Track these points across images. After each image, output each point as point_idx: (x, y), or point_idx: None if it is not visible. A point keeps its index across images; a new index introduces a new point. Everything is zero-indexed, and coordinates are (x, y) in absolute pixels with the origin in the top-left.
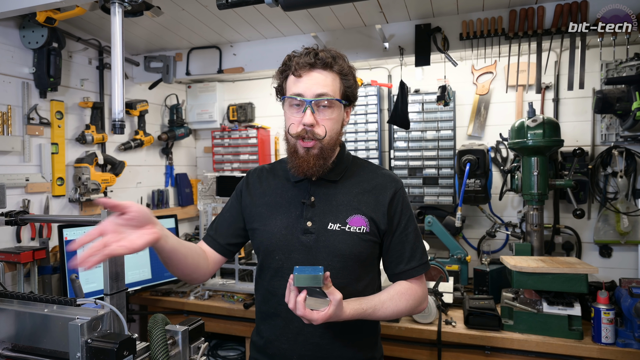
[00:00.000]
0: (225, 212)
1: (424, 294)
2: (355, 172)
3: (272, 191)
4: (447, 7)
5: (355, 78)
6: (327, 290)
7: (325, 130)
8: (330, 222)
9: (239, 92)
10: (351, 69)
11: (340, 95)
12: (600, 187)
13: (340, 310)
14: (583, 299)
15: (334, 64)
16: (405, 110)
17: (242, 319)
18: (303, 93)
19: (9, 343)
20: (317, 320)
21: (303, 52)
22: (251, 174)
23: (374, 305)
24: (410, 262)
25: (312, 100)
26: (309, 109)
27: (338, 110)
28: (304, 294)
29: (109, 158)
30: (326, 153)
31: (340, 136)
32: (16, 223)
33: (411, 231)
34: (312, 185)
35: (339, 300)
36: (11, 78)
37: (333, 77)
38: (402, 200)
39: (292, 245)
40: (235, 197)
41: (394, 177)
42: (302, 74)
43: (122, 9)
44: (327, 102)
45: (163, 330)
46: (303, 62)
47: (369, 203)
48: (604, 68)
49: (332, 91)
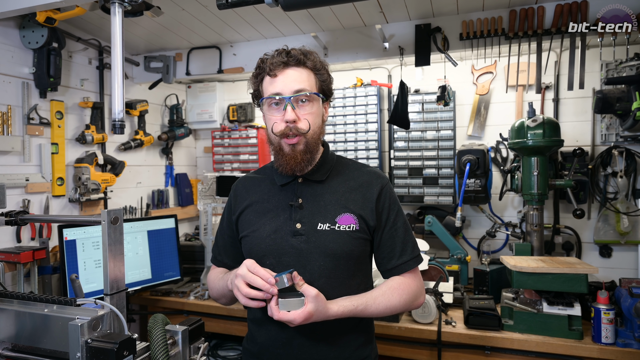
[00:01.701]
0: (224, 232)
1: (418, 288)
2: (340, 171)
3: (259, 197)
4: (447, 7)
5: (328, 73)
6: (301, 289)
7: (309, 124)
8: (319, 222)
9: (239, 92)
10: (323, 65)
11: (318, 90)
12: (600, 187)
13: (324, 307)
14: (583, 299)
15: (306, 60)
16: (405, 110)
17: (242, 319)
18: (281, 91)
19: (9, 343)
20: (296, 320)
21: (274, 53)
22: (237, 185)
23: (365, 301)
24: (401, 256)
25: (291, 96)
26: (289, 105)
27: (317, 104)
28: (275, 298)
29: (109, 158)
30: (311, 147)
31: (323, 131)
32: (16, 223)
33: (400, 226)
34: (298, 187)
35: (314, 296)
36: (11, 78)
37: (308, 72)
38: (389, 196)
39: (282, 249)
40: (227, 213)
41: (380, 174)
42: (277, 73)
43: (122, 9)
44: (306, 96)
45: (163, 330)
46: (276, 61)
47: (357, 201)
48: (604, 68)
49: (309, 86)
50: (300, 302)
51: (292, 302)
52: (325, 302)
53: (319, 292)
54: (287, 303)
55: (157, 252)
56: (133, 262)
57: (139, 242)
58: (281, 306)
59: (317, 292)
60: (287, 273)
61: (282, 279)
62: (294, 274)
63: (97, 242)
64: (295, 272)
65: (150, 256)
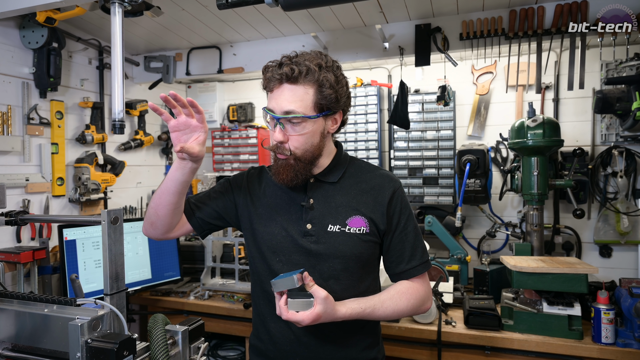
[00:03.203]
0: (215, 192)
1: (426, 293)
2: (353, 173)
3: (271, 192)
4: (447, 7)
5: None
6: (311, 290)
7: (296, 146)
8: (330, 223)
9: (239, 92)
10: (327, 79)
11: (314, 108)
12: (600, 187)
13: (332, 309)
14: (583, 299)
15: (306, 75)
16: (405, 110)
17: (242, 319)
18: (273, 109)
19: (9, 343)
20: (304, 321)
21: (274, 63)
22: (252, 173)
23: (373, 304)
24: (410, 261)
25: (280, 117)
26: (278, 125)
27: (311, 124)
28: (284, 298)
29: (109, 158)
30: (303, 164)
31: (322, 145)
32: (16, 223)
33: (411, 230)
34: (310, 187)
35: (323, 298)
36: (11, 78)
37: (305, 90)
38: (400, 200)
39: (292, 248)
40: (231, 187)
41: (392, 177)
42: (273, 88)
43: (122, 9)
44: (296, 119)
45: (163, 330)
46: (273, 75)
47: (368, 203)
48: (604, 68)
49: (302, 107)
50: (309, 303)
51: (301, 302)
52: (333, 304)
53: (328, 294)
54: (296, 303)
55: (157, 252)
56: (133, 262)
57: (139, 242)
58: (290, 306)
59: (326, 294)
60: (297, 273)
61: (292, 279)
62: (305, 275)
63: (97, 242)
64: (306, 273)
65: (150, 256)
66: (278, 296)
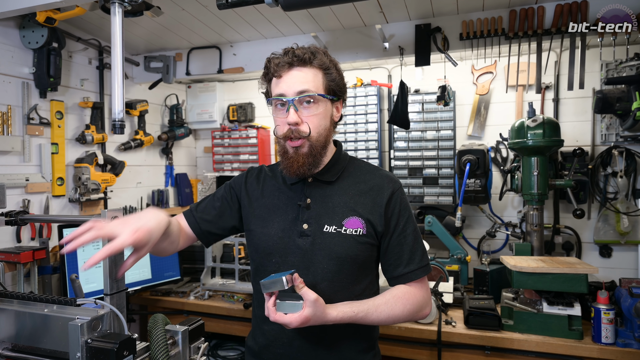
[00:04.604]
0: (217, 201)
1: (424, 299)
2: (352, 173)
3: (269, 193)
4: (447, 7)
5: (339, 71)
6: (301, 292)
7: (310, 127)
8: (326, 224)
9: (239, 92)
10: (333, 62)
11: (325, 90)
12: (600, 187)
13: (322, 312)
14: (583, 299)
15: (312, 59)
16: (405, 110)
17: (242, 319)
18: (285, 92)
19: (9, 343)
20: (292, 323)
21: (281, 52)
22: (250, 173)
23: (367, 309)
24: (409, 264)
25: (294, 98)
26: (292, 107)
27: (323, 105)
28: (273, 299)
29: (109, 158)
30: (316, 150)
31: (331, 132)
32: (16, 223)
33: (410, 233)
34: (307, 187)
35: (313, 300)
36: (11, 78)
37: (314, 72)
38: (399, 201)
39: (288, 248)
40: (230, 193)
41: (392, 178)
42: (282, 74)
43: (122, 9)
44: (310, 97)
45: (163, 330)
46: (281, 62)
47: (366, 204)
48: (604, 68)
49: (314, 87)
50: (298, 305)
51: (290, 304)
52: (323, 307)
53: (318, 296)
54: (285, 305)
55: None
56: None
57: None
58: (279, 307)
59: (316, 296)
60: (287, 274)
61: (281, 280)
62: (295, 276)
63: (97, 242)
64: (296, 274)
65: (150, 256)
66: (267, 297)
